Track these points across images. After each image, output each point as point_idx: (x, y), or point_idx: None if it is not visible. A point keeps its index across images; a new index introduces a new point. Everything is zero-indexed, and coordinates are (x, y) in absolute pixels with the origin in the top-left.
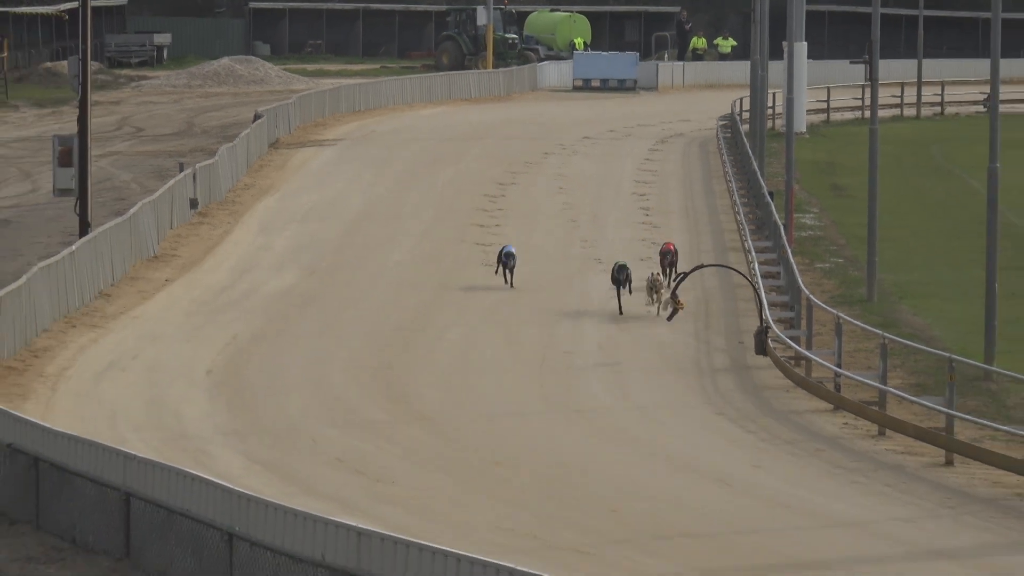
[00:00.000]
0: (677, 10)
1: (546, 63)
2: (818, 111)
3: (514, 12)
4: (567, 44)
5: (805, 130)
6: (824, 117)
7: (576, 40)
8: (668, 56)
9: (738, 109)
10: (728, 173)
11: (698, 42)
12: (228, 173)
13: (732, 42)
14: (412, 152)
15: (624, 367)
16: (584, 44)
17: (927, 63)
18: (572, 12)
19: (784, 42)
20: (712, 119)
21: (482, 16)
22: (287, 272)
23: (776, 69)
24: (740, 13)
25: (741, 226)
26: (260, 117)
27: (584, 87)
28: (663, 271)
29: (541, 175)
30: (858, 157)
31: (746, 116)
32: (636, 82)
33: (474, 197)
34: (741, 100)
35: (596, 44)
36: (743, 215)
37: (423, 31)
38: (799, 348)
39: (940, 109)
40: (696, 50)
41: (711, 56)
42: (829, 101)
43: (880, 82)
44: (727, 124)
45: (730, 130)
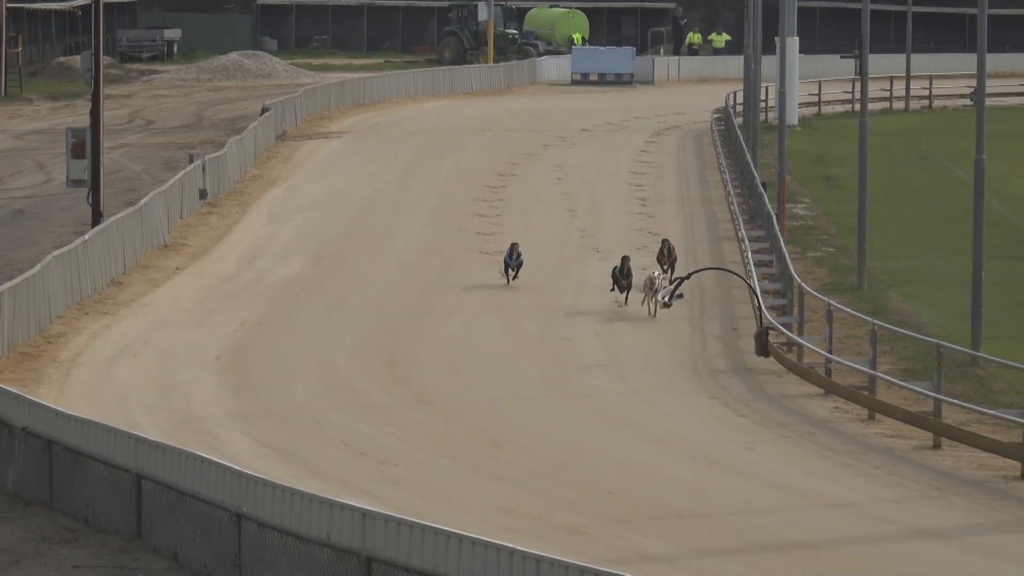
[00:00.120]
0: (672, 6)
1: (545, 58)
2: (810, 104)
3: (514, 8)
4: (566, 39)
5: (797, 123)
6: (815, 110)
7: (574, 35)
8: (664, 51)
9: (732, 102)
10: (722, 164)
11: (693, 37)
12: (236, 164)
13: (726, 37)
14: (415, 144)
15: (621, 353)
16: (582, 39)
17: (915, 58)
18: (570, 8)
19: (776, 37)
20: (706, 112)
21: (483, 12)
22: (294, 260)
23: (769, 64)
24: (734, 9)
25: (735, 216)
26: (267, 110)
27: (582, 81)
28: (661, 268)
29: (540, 166)
30: (848, 149)
31: (739, 109)
32: (633, 76)
33: (475, 187)
34: (735, 94)
35: (594, 39)
36: (737, 205)
37: (426, 26)
38: (791, 334)
39: (928, 102)
40: (691, 45)
41: (706, 51)
42: (820, 95)
43: (870, 76)
44: (721, 117)
45: (724, 123)
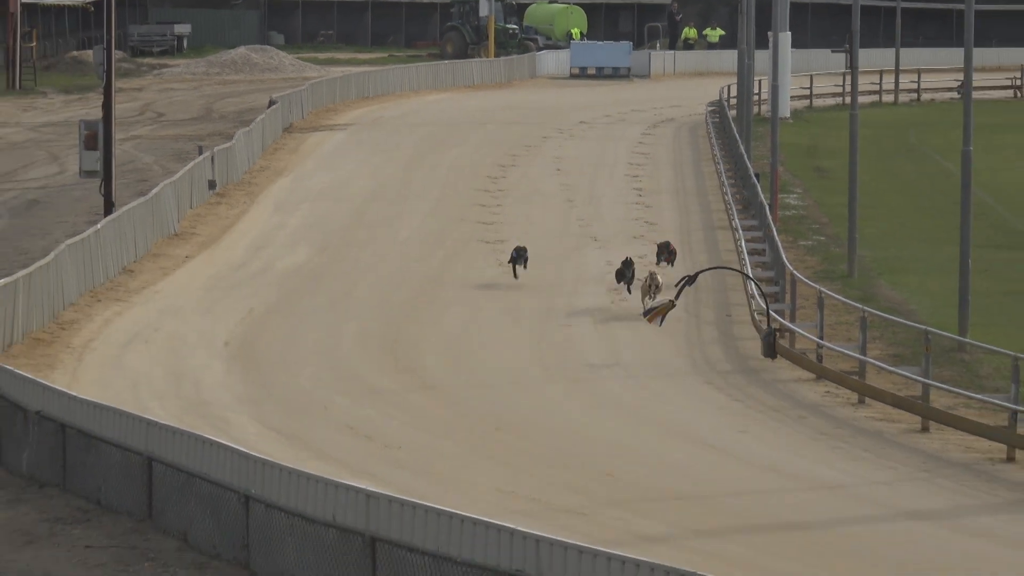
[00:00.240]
0: (668, 2)
1: (545, 52)
2: (801, 97)
3: (514, 4)
4: (564, 34)
5: (789, 115)
6: (807, 103)
7: (573, 30)
8: (660, 45)
9: (726, 96)
10: (716, 156)
11: (688, 32)
12: (244, 156)
13: (720, 32)
14: (418, 136)
15: (618, 339)
16: (581, 34)
17: (904, 52)
18: (569, 4)
19: (769, 32)
20: (701, 105)
21: (484, 8)
22: (300, 249)
23: (762, 58)
24: (728, 4)
25: (729, 206)
26: (275, 103)
27: (581, 75)
28: (659, 262)
29: (540, 158)
30: (839, 141)
31: (733, 102)
32: (630, 70)
33: (477, 179)
34: (729, 87)
35: (592, 34)
36: (731, 195)
37: (428, 22)
38: (783, 321)
39: (917, 96)
40: (686, 40)
41: (700, 45)
42: (812, 88)
43: (860, 70)
44: (715, 110)
45: (718, 115)
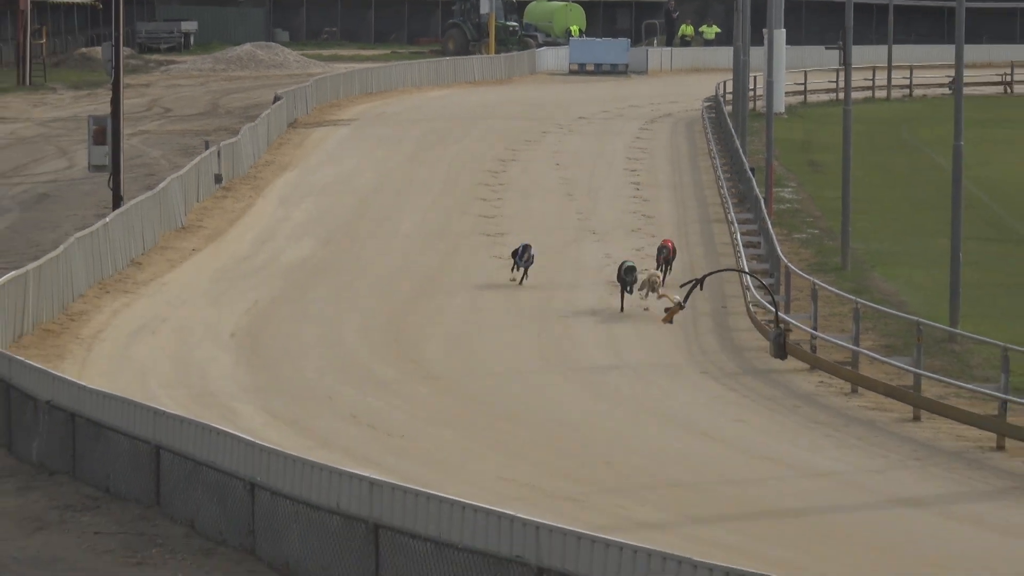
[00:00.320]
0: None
1: (544, 49)
2: (796, 93)
3: (515, 1)
4: (564, 31)
5: (784, 111)
6: (802, 99)
7: (572, 27)
8: (657, 42)
9: (722, 91)
10: (712, 150)
11: (685, 29)
12: (250, 150)
13: (716, 29)
14: (420, 131)
15: (617, 330)
16: (579, 31)
17: (897, 48)
18: (568, 1)
19: (764, 29)
20: (698, 101)
21: (485, 5)
22: (304, 242)
23: (757, 54)
24: (724, 2)
25: (724, 199)
26: (280, 99)
27: (579, 71)
28: (659, 266)
29: (540, 152)
30: (833, 136)
31: (729, 98)
32: (628, 66)
33: (478, 173)
34: (725, 83)
35: (590, 31)
36: (726, 189)
37: (430, 19)
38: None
39: (909, 91)
40: (683, 37)
41: (697, 42)
42: (806, 84)
43: (853, 66)
44: (711, 105)
45: (714, 111)
